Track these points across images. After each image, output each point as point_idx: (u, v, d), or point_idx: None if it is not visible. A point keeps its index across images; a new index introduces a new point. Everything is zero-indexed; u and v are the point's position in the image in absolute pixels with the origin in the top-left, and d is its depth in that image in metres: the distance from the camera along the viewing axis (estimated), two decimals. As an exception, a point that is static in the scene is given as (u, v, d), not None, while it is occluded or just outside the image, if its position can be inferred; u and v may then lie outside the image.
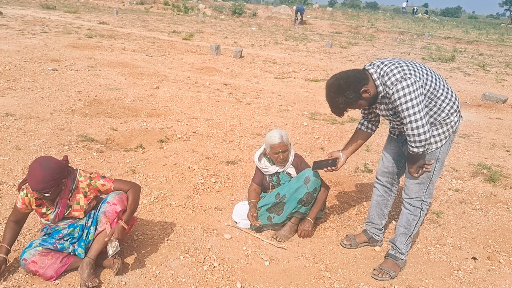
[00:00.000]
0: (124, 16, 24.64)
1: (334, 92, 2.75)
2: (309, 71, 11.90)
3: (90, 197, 2.93)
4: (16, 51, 10.35)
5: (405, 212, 3.13)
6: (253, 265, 3.18)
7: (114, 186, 2.94)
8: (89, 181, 2.89)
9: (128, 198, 2.94)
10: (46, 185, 2.63)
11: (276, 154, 3.57)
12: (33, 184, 2.62)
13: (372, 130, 3.23)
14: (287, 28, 27.00)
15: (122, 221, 2.87)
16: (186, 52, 13.23)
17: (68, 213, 2.89)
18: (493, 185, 4.92)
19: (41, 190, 2.63)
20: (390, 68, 2.68)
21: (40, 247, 2.84)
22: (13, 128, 5.36)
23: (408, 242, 3.17)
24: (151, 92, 7.80)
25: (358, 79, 2.70)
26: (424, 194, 3.02)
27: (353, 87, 2.69)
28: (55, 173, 2.66)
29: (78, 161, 4.63)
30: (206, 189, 4.32)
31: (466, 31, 33.45)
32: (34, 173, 2.62)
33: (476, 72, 13.92)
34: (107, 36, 14.80)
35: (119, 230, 2.84)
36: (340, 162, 3.25)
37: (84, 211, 2.92)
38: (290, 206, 3.51)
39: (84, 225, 2.93)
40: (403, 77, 2.60)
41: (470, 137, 6.78)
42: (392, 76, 2.64)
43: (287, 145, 3.57)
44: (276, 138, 3.52)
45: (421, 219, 3.09)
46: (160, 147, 5.26)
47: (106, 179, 2.95)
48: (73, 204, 2.88)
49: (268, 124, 6.54)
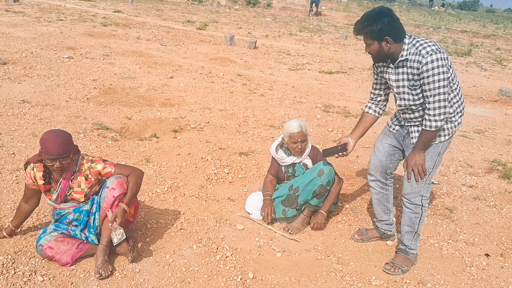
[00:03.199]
0: (139, 4, 24.66)
1: (373, 14, 2.75)
2: (323, 63, 11.84)
3: (91, 180, 2.93)
4: (32, 39, 10.44)
5: (406, 211, 3.13)
6: (265, 256, 3.20)
7: (114, 170, 2.93)
8: (90, 164, 2.90)
9: (129, 182, 2.91)
10: (66, 148, 2.71)
11: (295, 143, 3.57)
12: (53, 150, 2.67)
13: (379, 113, 3.27)
14: (302, 19, 26.81)
15: (123, 203, 2.84)
16: (200, 42, 13.23)
17: (69, 194, 2.92)
18: (507, 182, 4.87)
19: (62, 153, 2.69)
20: (424, 40, 2.76)
21: (55, 233, 2.89)
22: (30, 115, 5.43)
23: (416, 238, 3.17)
24: (165, 81, 7.83)
25: (397, 28, 2.73)
26: (423, 189, 3.01)
27: (388, 26, 2.70)
28: (69, 137, 2.79)
29: (93, 149, 4.68)
30: (219, 180, 4.34)
31: (483, 25, 32.92)
32: (51, 140, 2.68)
33: (493, 67, 13.73)
34: (122, 25, 14.85)
35: (121, 212, 2.81)
36: (350, 146, 3.25)
37: (85, 194, 2.94)
38: (303, 198, 3.52)
39: (89, 211, 2.95)
40: (439, 50, 2.67)
41: (486, 133, 6.71)
42: (428, 47, 2.68)
43: (306, 135, 3.58)
44: (296, 127, 3.52)
45: (423, 215, 3.09)
46: (174, 136, 5.29)
47: (107, 162, 2.95)
48: (74, 186, 2.90)
49: (281, 116, 6.54)
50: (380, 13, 2.73)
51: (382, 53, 2.82)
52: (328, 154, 3.33)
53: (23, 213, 3.03)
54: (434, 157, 2.95)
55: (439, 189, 4.55)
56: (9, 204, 3.47)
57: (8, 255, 2.87)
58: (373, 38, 2.75)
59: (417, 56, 2.70)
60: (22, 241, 3.04)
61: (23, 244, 3.01)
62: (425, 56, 2.66)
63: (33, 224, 3.25)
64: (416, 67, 2.72)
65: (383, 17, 2.70)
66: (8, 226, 3.04)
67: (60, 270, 2.80)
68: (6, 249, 2.93)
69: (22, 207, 3.01)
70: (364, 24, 2.75)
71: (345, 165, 4.93)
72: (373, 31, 2.72)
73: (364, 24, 2.75)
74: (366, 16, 2.77)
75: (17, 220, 3.03)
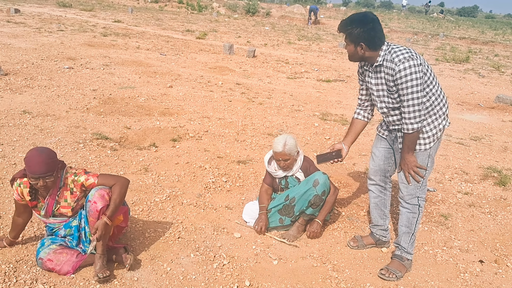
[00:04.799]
0: (138, 14, 24.86)
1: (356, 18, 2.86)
2: (321, 71, 11.93)
3: (76, 194, 2.91)
4: (33, 49, 10.55)
5: (404, 211, 3.21)
6: (262, 263, 3.25)
7: (98, 181, 2.87)
8: (73, 177, 2.88)
9: (112, 192, 2.85)
10: (49, 167, 2.69)
11: (278, 161, 3.65)
12: (36, 169, 2.66)
13: (367, 118, 3.37)
14: (301, 28, 26.98)
15: (106, 216, 2.79)
16: (200, 51, 13.34)
17: (56, 209, 2.92)
18: (503, 189, 4.92)
19: (45, 172, 2.68)
20: (398, 48, 2.84)
21: (53, 245, 2.93)
22: (31, 125, 5.50)
23: (412, 240, 3.23)
24: (164, 91, 7.91)
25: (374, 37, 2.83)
26: (418, 191, 3.10)
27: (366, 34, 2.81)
28: (53, 156, 2.77)
29: (92, 159, 4.74)
30: (217, 188, 4.40)
31: (482, 31, 33.07)
32: (34, 159, 2.67)
33: (491, 74, 13.82)
34: (122, 35, 14.98)
35: (101, 226, 2.77)
36: (344, 152, 3.33)
37: (72, 208, 2.93)
38: (299, 208, 3.58)
39: (78, 226, 2.96)
40: (411, 57, 2.75)
41: (482, 140, 6.77)
42: (401, 54, 2.78)
43: (288, 155, 3.57)
44: (279, 147, 3.54)
45: (420, 215, 3.17)
46: (172, 145, 5.35)
47: (90, 174, 2.91)
48: (61, 201, 2.90)
49: (279, 124, 6.61)
50: (364, 18, 2.84)
51: (356, 56, 2.96)
52: (322, 160, 3.38)
53: (18, 226, 3.08)
54: (424, 160, 3.03)
55: (434, 196, 4.60)
56: (11, 213, 3.51)
57: (10, 264, 2.93)
58: (350, 40, 2.90)
59: (390, 63, 2.81)
60: (23, 250, 3.10)
61: (25, 253, 3.07)
62: (397, 64, 2.75)
63: (34, 234, 3.31)
64: (391, 74, 2.82)
65: (365, 23, 2.82)
66: (7, 237, 3.10)
67: (60, 279, 2.85)
68: (8, 258, 3.00)
69: (16, 221, 3.06)
70: (346, 26, 2.88)
71: (341, 172, 4.99)
72: (351, 33, 2.86)
73: (346, 25, 2.88)
74: (350, 18, 2.89)
75: (14, 232, 3.09)
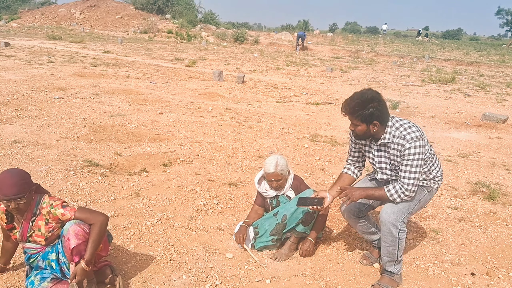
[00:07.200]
0: (128, 44, 25.13)
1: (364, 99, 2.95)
2: (310, 95, 12.08)
3: (51, 225, 2.82)
4: (23, 81, 10.61)
5: (384, 245, 3.18)
6: (255, 283, 3.24)
7: (75, 215, 2.76)
8: (49, 209, 2.78)
9: (91, 232, 2.74)
10: (20, 189, 2.63)
11: (270, 181, 3.69)
12: (6, 191, 2.60)
13: (356, 175, 3.48)
14: (289, 54, 27.40)
15: (84, 261, 2.69)
16: (189, 79, 13.48)
17: (30, 236, 2.84)
18: (492, 203, 4.97)
19: (16, 193, 2.61)
20: (408, 125, 3.00)
21: (45, 283, 2.85)
22: (21, 154, 5.50)
23: (397, 263, 3.23)
24: (154, 117, 7.96)
25: (384, 113, 2.97)
26: (400, 222, 3.09)
27: (378, 111, 2.94)
28: (25, 177, 2.70)
29: (83, 185, 4.74)
30: (209, 211, 4.41)
31: (467, 52, 33.80)
32: (4, 181, 2.62)
33: (477, 93, 14.06)
34: (112, 65, 15.11)
35: (79, 272, 2.69)
36: (326, 201, 3.30)
37: (45, 238, 2.84)
38: (290, 226, 3.59)
39: (57, 261, 2.87)
40: (421, 137, 2.95)
41: (470, 156, 6.86)
42: (412, 133, 2.95)
43: (280, 175, 3.63)
44: (271, 168, 3.60)
45: (401, 245, 3.14)
46: (163, 170, 5.37)
47: (67, 208, 2.80)
48: (35, 229, 2.82)
49: (269, 147, 6.66)
50: (372, 98, 2.96)
51: (367, 134, 3.07)
52: (303, 204, 3.35)
53: (8, 251, 3.06)
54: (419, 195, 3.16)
55: (425, 212, 4.64)
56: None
57: (-1, 291, 2.90)
58: (362, 121, 2.99)
59: (401, 140, 2.97)
60: (14, 277, 3.09)
61: (15, 279, 3.05)
62: (409, 142, 2.93)
63: (23, 260, 3.28)
64: (399, 149, 2.99)
65: (373, 102, 2.94)
66: None
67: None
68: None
69: (5, 245, 3.04)
70: (355, 109, 2.97)
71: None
72: (363, 115, 2.96)
73: (355, 108, 2.97)
74: (357, 100, 2.97)
75: (3, 258, 3.07)
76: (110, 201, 4.43)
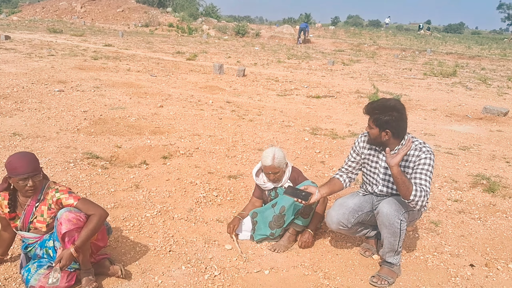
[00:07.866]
0: (129, 38, 25.08)
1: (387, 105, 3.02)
2: (311, 88, 12.05)
3: (53, 211, 2.85)
4: (23, 74, 10.60)
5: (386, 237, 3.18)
6: (253, 274, 3.25)
7: (77, 204, 2.79)
8: (54, 193, 2.83)
9: (89, 221, 2.75)
10: (35, 165, 2.73)
11: (267, 174, 3.69)
12: (24, 169, 2.68)
13: (346, 185, 3.52)
14: (290, 47, 27.33)
15: (74, 246, 2.70)
16: (190, 72, 13.46)
17: (32, 222, 2.87)
18: (492, 195, 4.97)
19: (33, 170, 2.70)
20: (423, 143, 3.13)
21: (41, 269, 2.84)
22: (21, 147, 5.50)
23: (397, 254, 3.23)
24: (155, 110, 7.95)
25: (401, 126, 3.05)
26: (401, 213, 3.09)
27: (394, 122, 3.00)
28: (35, 157, 2.79)
29: (83, 177, 4.75)
30: (208, 203, 4.41)
31: (469, 46, 33.68)
32: (19, 161, 2.70)
33: (478, 86, 14.02)
34: (113, 58, 15.09)
35: (66, 256, 2.67)
36: (313, 198, 3.30)
37: (47, 224, 2.88)
38: (289, 218, 3.60)
39: (54, 248, 2.88)
40: (432, 152, 3.10)
41: (470, 149, 6.85)
42: (428, 147, 3.10)
43: (278, 168, 3.62)
44: (268, 160, 3.59)
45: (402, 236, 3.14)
46: (163, 163, 5.37)
47: (72, 195, 2.84)
48: (37, 214, 2.86)
49: (269, 140, 6.65)
50: (393, 107, 3.01)
51: (378, 140, 3.13)
52: (289, 194, 3.34)
53: (5, 241, 3.07)
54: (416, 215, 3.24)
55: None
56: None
57: (-2, 281, 2.91)
58: (376, 124, 3.05)
59: (416, 151, 3.07)
60: (12, 268, 3.09)
61: (13, 271, 3.06)
62: (425, 153, 3.05)
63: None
64: (414, 160, 3.07)
65: (393, 111, 2.99)
66: None
67: (49, 295, 2.83)
68: (-4, 276, 2.98)
69: (3, 235, 3.05)
70: (375, 111, 3.05)
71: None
72: (379, 119, 3.02)
73: (375, 110, 3.04)
74: (380, 104, 3.05)
75: (1, 248, 3.07)
76: (110, 193, 4.43)
